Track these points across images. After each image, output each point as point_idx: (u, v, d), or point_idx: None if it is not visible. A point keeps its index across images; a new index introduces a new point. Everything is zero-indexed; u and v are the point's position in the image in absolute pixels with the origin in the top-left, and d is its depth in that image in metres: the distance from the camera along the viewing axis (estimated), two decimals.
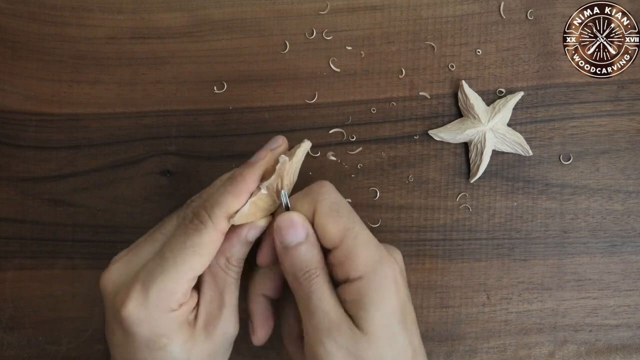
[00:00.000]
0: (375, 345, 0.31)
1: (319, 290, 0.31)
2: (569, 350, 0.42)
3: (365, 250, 0.32)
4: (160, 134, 0.44)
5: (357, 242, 0.32)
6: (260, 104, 0.43)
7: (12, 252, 0.44)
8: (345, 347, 0.30)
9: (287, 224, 0.32)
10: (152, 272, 0.31)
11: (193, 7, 0.44)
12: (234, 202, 0.32)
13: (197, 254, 0.31)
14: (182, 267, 0.31)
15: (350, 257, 0.31)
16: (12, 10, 0.45)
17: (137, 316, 0.31)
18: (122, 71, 0.44)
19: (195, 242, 0.31)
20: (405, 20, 0.43)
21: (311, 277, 0.31)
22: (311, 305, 0.31)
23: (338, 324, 0.31)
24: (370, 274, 0.31)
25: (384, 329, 0.31)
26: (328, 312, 0.31)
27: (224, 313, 0.33)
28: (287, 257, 0.32)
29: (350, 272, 0.31)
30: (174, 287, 0.31)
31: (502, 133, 0.41)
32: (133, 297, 0.31)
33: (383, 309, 0.31)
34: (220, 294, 0.33)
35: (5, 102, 0.45)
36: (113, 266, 0.33)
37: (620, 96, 0.42)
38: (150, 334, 0.31)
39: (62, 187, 0.44)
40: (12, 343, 0.44)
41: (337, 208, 0.33)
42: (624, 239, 0.42)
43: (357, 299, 0.31)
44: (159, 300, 0.31)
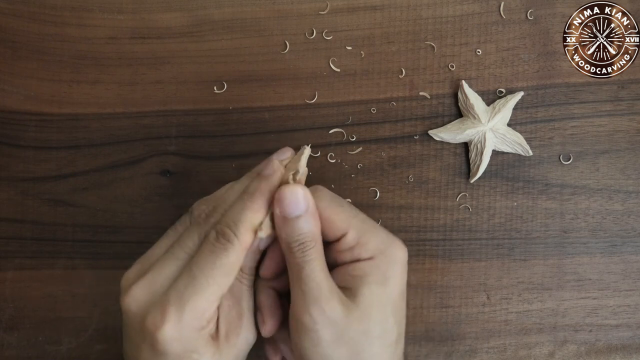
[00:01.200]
0: (365, 321, 0.31)
1: (313, 261, 0.32)
2: (569, 350, 0.42)
3: (375, 233, 0.33)
4: (160, 134, 0.44)
5: (365, 226, 0.33)
6: (260, 104, 0.43)
7: (12, 252, 0.44)
8: (333, 318, 0.31)
9: (289, 195, 0.32)
10: (184, 294, 0.31)
11: (193, 7, 0.44)
12: (255, 217, 0.33)
13: (226, 274, 0.32)
14: (213, 287, 0.31)
15: (361, 240, 0.32)
16: (12, 10, 0.45)
17: (171, 338, 0.31)
18: (122, 71, 0.44)
19: (225, 262, 0.32)
20: (405, 20, 0.43)
21: (306, 248, 0.32)
22: (303, 274, 0.31)
23: (328, 294, 0.31)
24: (381, 255, 0.32)
25: (379, 307, 0.32)
26: (319, 282, 0.31)
27: (243, 321, 0.34)
28: (285, 227, 0.32)
29: (361, 254, 0.32)
30: (206, 307, 0.32)
31: (502, 133, 0.41)
32: (168, 320, 0.31)
33: (384, 289, 0.32)
34: (238, 303, 0.34)
35: (5, 102, 0.45)
36: (135, 287, 0.33)
37: (620, 96, 0.42)
38: (182, 352, 0.31)
39: (62, 187, 0.44)
40: (12, 343, 0.44)
41: (337, 200, 0.34)
42: (624, 239, 0.42)
43: (362, 275, 0.32)
44: (192, 320, 0.31)
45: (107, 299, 0.43)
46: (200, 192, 0.43)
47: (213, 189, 0.43)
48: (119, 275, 0.43)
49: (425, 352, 0.42)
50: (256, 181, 0.33)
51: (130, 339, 0.33)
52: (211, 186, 0.43)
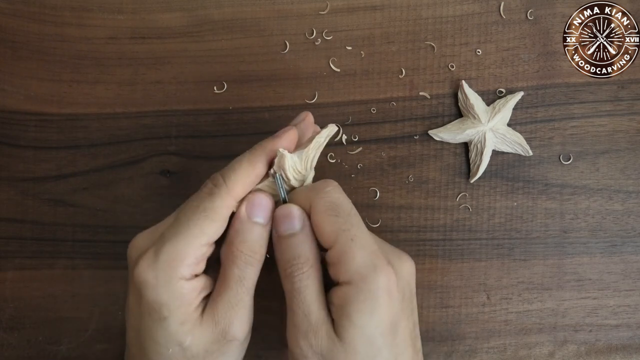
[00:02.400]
0: (351, 356, 0.30)
1: (303, 288, 0.31)
2: (569, 350, 0.42)
3: (358, 254, 0.30)
4: (160, 134, 0.44)
5: (351, 244, 0.30)
6: (260, 104, 0.43)
7: (12, 252, 0.44)
8: (320, 352, 0.30)
9: (283, 214, 0.32)
10: (165, 235, 0.31)
11: (193, 7, 0.44)
12: (248, 169, 0.32)
13: (209, 218, 0.31)
14: (193, 230, 0.30)
15: (342, 259, 0.30)
16: (12, 10, 0.45)
17: (146, 277, 0.30)
18: (122, 71, 0.44)
19: (208, 206, 0.31)
20: (405, 20, 0.43)
21: (297, 270, 0.31)
22: (293, 304, 0.31)
23: (316, 328, 0.30)
24: (360, 281, 0.30)
25: (364, 341, 0.30)
26: (308, 314, 0.30)
27: (227, 312, 0.32)
28: (279, 246, 0.32)
29: (340, 274, 0.30)
30: (184, 250, 0.30)
31: (502, 133, 0.41)
32: (145, 258, 0.30)
33: (366, 320, 0.30)
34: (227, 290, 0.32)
35: (5, 102, 0.45)
36: (138, 235, 0.33)
37: (620, 96, 0.42)
38: (155, 302, 0.30)
39: (62, 187, 0.44)
40: (12, 343, 0.44)
41: (334, 208, 0.32)
42: (624, 239, 0.42)
43: (343, 304, 0.30)
44: (169, 262, 0.30)
45: (107, 299, 0.43)
46: None
47: None
48: (119, 275, 0.44)
49: (425, 352, 0.42)
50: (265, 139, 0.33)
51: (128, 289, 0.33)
52: None
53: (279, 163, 0.33)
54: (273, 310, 0.42)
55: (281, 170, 0.33)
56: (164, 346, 0.31)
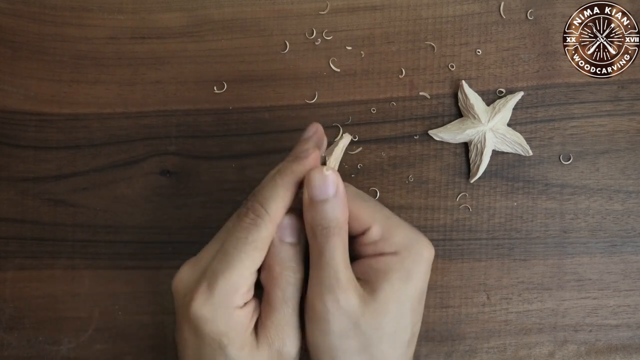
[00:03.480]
0: (380, 316, 0.31)
1: (334, 247, 0.31)
2: (569, 350, 0.42)
3: (401, 228, 0.32)
4: (160, 134, 0.44)
5: (391, 221, 0.32)
6: (260, 104, 0.43)
7: (12, 252, 0.44)
8: (346, 309, 0.31)
9: (319, 178, 0.32)
10: (216, 269, 0.31)
11: (193, 7, 0.44)
12: (286, 196, 0.32)
13: (259, 249, 0.32)
14: (245, 262, 0.31)
15: (385, 234, 0.32)
16: (12, 10, 0.45)
17: (203, 312, 0.31)
18: (122, 71, 0.44)
19: (256, 237, 0.32)
20: (405, 20, 0.43)
21: (329, 233, 0.31)
22: (322, 260, 0.31)
23: (345, 284, 0.31)
24: (405, 251, 0.32)
25: (397, 304, 0.31)
26: (337, 271, 0.31)
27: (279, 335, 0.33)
28: (311, 210, 0.32)
29: (385, 248, 0.32)
30: (238, 282, 0.31)
31: (502, 133, 0.41)
32: (199, 293, 0.31)
33: (406, 287, 0.31)
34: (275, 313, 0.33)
35: (5, 102, 0.45)
36: (182, 268, 0.33)
37: (620, 96, 0.42)
38: (214, 332, 0.31)
39: (62, 187, 0.44)
40: (12, 343, 0.44)
41: (362, 195, 0.33)
42: (624, 239, 0.42)
43: (385, 269, 0.31)
44: (225, 296, 0.31)
45: (107, 299, 0.43)
46: (200, 192, 0.43)
47: (213, 189, 0.43)
48: (119, 275, 0.44)
49: (425, 352, 0.42)
50: (288, 161, 0.33)
51: (177, 322, 0.33)
52: (211, 186, 0.43)
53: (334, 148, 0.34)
54: None
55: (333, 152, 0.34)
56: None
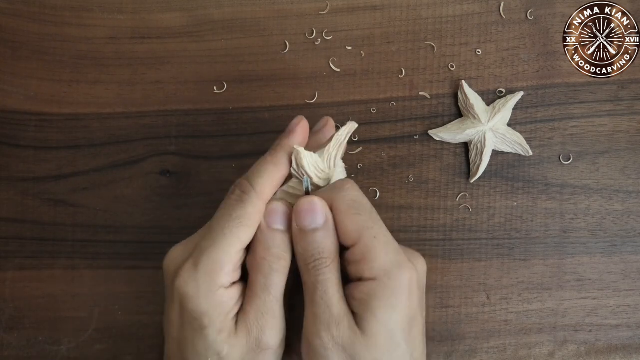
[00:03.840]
0: (373, 349, 0.30)
1: (326, 281, 0.31)
2: (569, 350, 0.42)
3: (383, 251, 0.31)
4: (160, 134, 0.44)
5: (375, 242, 0.31)
6: (260, 104, 0.43)
7: (12, 252, 0.44)
8: (342, 344, 0.30)
9: (307, 207, 0.32)
10: (202, 245, 0.31)
11: (193, 7, 0.44)
12: (273, 171, 0.32)
13: (244, 225, 0.31)
14: (230, 238, 0.31)
15: (367, 256, 0.31)
16: (12, 10, 0.45)
17: (187, 289, 0.31)
18: (122, 71, 0.44)
19: (241, 213, 0.31)
20: (405, 20, 0.43)
21: (320, 265, 0.31)
22: (315, 296, 0.31)
23: (338, 319, 0.31)
24: (384, 277, 0.31)
25: (386, 335, 0.31)
26: (331, 306, 0.31)
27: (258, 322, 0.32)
28: (301, 240, 0.32)
29: (364, 271, 0.31)
30: (222, 259, 0.31)
31: (502, 133, 0.41)
32: (184, 269, 0.31)
33: (389, 315, 0.30)
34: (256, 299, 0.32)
35: (5, 102, 0.45)
36: (174, 248, 0.33)
37: (620, 96, 0.42)
38: (196, 311, 0.31)
39: (62, 187, 0.44)
40: (12, 343, 0.44)
41: (356, 206, 0.32)
42: (624, 239, 0.42)
43: (366, 299, 0.31)
44: (208, 272, 0.31)
45: (107, 299, 0.43)
46: (200, 192, 0.43)
47: (213, 189, 0.43)
48: (119, 275, 0.44)
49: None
50: (280, 138, 0.33)
51: (166, 301, 0.33)
52: (211, 186, 0.43)
53: (297, 161, 0.33)
54: None
55: (301, 168, 0.33)
56: (203, 356, 0.31)
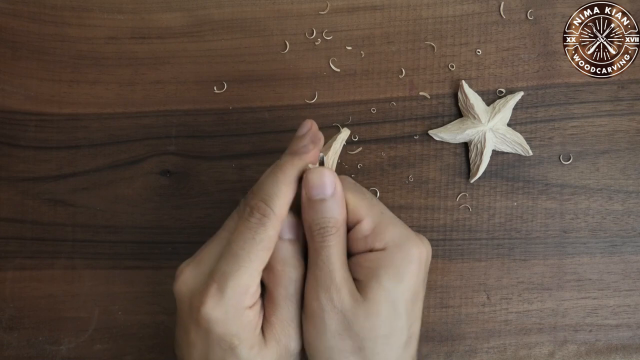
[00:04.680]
0: (372, 317, 0.31)
1: (330, 247, 0.31)
2: (569, 350, 0.42)
3: (392, 225, 0.32)
4: (160, 134, 0.44)
5: (383, 217, 0.32)
6: (260, 104, 0.43)
7: (12, 252, 0.44)
8: (340, 309, 0.31)
9: (316, 178, 0.32)
10: (226, 270, 0.31)
11: (193, 7, 0.44)
12: (289, 192, 0.32)
13: (267, 248, 0.32)
14: (255, 262, 0.31)
15: (377, 229, 0.32)
16: (12, 10, 0.45)
17: (215, 314, 0.31)
18: (122, 71, 0.44)
19: (264, 237, 0.32)
20: (405, 20, 0.43)
21: (326, 233, 0.32)
22: (318, 260, 0.31)
23: (339, 284, 0.31)
24: (395, 247, 0.32)
25: (388, 304, 0.31)
26: (332, 270, 0.31)
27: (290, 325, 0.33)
28: (309, 209, 0.32)
29: (375, 243, 0.32)
30: (248, 282, 0.31)
31: (502, 133, 0.41)
32: (210, 296, 0.31)
33: (395, 285, 0.31)
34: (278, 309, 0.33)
35: (5, 102, 0.45)
36: (184, 271, 0.33)
37: (620, 96, 0.42)
38: (224, 333, 0.31)
39: (62, 187, 0.44)
40: (12, 343, 0.44)
41: (359, 189, 0.34)
42: (624, 239, 0.42)
43: (374, 267, 0.31)
44: (235, 297, 0.31)
45: (107, 299, 0.43)
46: (200, 192, 0.43)
47: (213, 189, 0.43)
48: (119, 275, 0.44)
49: (425, 352, 0.42)
50: (288, 157, 0.33)
51: (182, 324, 0.33)
52: (211, 186, 0.43)
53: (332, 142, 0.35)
54: None
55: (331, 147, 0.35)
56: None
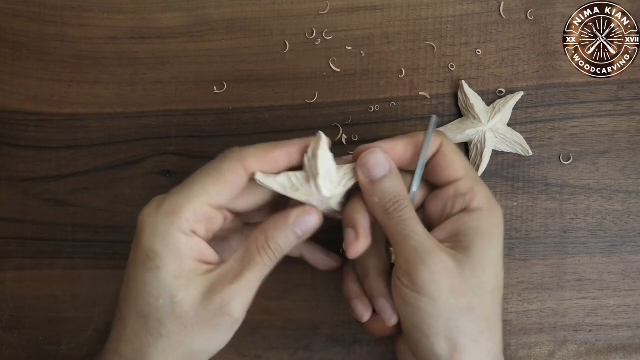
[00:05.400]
0: (480, 273, 0.31)
1: (411, 219, 0.32)
2: (569, 350, 0.42)
3: (484, 189, 0.33)
4: (160, 134, 0.44)
5: (478, 180, 0.34)
6: (260, 104, 0.43)
7: (12, 252, 0.44)
8: (445, 272, 0.31)
9: (372, 157, 0.33)
10: (171, 191, 0.33)
11: (193, 7, 0.44)
12: (266, 148, 0.33)
13: (213, 177, 0.32)
14: (195, 187, 0.32)
15: (475, 188, 0.33)
16: (12, 10, 0.45)
17: (146, 225, 0.31)
18: (122, 71, 0.44)
19: (214, 166, 0.32)
20: (405, 20, 0.43)
21: (401, 206, 0.32)
22: (407, 232, 0.31)
23: (436, 248, 0.31)
24: (489, 209, 0.33)
25: (492, 261, 0.32)
26: (423, 239, 0.31)
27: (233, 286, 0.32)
28: (374, 190, 0.32)
29: (473, 201, 0.33)
30: (184, 203, 0.31)
31: (502, 133, 0.41)
32: (148, 207, 0.32)
33: (495, 244, 0.32)
34: (242, 269, 0.32)
35: (5, 102, 0.45)
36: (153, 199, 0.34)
37: (620, 96, 0.42)
38: (150, 249, 0.31)
39: (62, 187, 0.44)
40: (12, 343, 0.44)
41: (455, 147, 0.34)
42: (624, 239, 0.42)
43: (475, 227, 0.32)
44: (168, 213, 0.31)
45: (107, 299, 0.43)
46: None
47: None
48: (119, 275, 0.43)
49: None
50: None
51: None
52: None
53: (314, 147, 0.33)
54: (273, 311, 0.42)
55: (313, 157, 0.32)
56: (154, 296, 0.31)
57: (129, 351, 0.32)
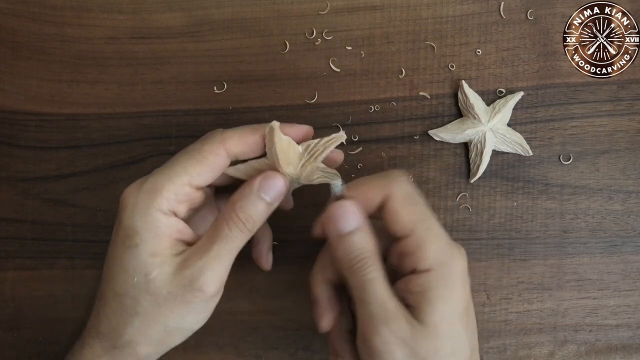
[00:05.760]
0: (434, 340, 0.30)
1: (374, 279, 0.31)
2: (569, 350, 0.42)
3: (436, 242, 0.31)
4: (160, 134, 0.44)
5: (429, 233, 0.31)
6: (260, 104, 0.43)
7: (12, 252, 0.44)
8: (402, 338, 0.30)
9: (340, 212, 0.32)
10: (154, 171, 0.33)
11: (193, 7, 0.44)
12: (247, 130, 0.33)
13: (193, 158, 0.32)
14: (176, 167, 0.32)
15: (421, 247, 0.31)
16: (12, 10, 0.45)
17: (127, 203, 0.32)
18: (122, 71, 0.44)
19: (195, 148, 0.33)
20: (405, 20, 0.43)
21: (365, 265, 0.31)
22: (366, 295, 0.31)
23: (395, 314, 0.30)
24: (440, 267, 0.31)
25: (446, 325, 0.31)
26: (384, 302, 0.31)
27: (201, 260, 0.32)
28: (340, 245, 0.32)
29: (419, 263, 0.31)
30: (164, 183, 0.32)
31: (502, 133, 0.41)
32: (131, 186, 0.33)
33: (448, 305, 0.31)
34: (211, 243, 0.32)
35: (5, 102, 0.45)
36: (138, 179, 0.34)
37: (620, 96, 0.42)
38: (129, 227, 0.32)
39: (62, 187, 0.44)
40: (12, 343, 0.44)
41: (412, 197, 0.32)
42: (624, 239, 0.42)
43: (423, 291, 0.31)
44: (149, 192, 0.32)
45: None
46: None
47: None
48: None
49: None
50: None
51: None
52: None
53: (269, 136, 0.33)
54: (273, 311, 0.42)
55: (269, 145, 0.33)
56: (130, 274, 0.32)
57: (107, 329, 0.33)
